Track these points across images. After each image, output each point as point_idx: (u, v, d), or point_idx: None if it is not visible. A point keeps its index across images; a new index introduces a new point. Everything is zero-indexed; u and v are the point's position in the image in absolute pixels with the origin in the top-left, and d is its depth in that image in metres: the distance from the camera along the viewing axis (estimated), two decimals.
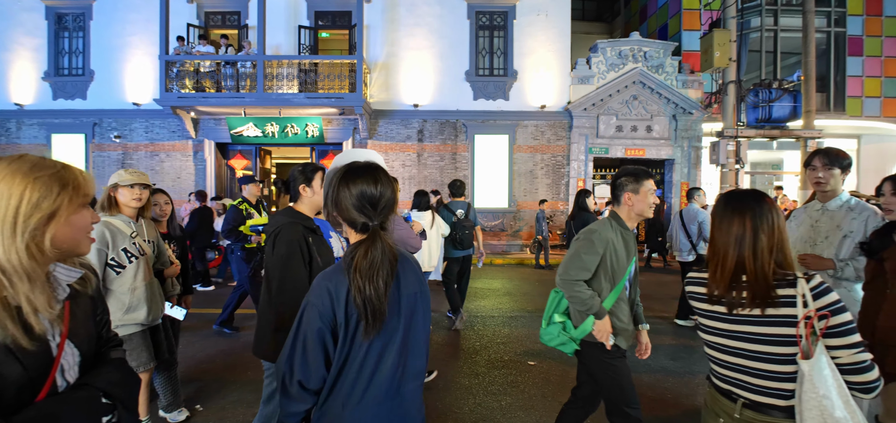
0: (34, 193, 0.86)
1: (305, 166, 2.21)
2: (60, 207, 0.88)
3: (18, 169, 0.86)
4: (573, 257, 2.11)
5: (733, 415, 1.34)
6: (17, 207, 0.84)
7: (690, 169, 11.64)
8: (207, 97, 10.57)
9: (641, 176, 2.12)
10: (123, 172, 2.53)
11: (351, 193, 1.21)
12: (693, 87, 11.72)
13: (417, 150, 11.58)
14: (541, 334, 2.33)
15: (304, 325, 1.16)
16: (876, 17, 12.65)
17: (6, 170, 0.86)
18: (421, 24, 11.51)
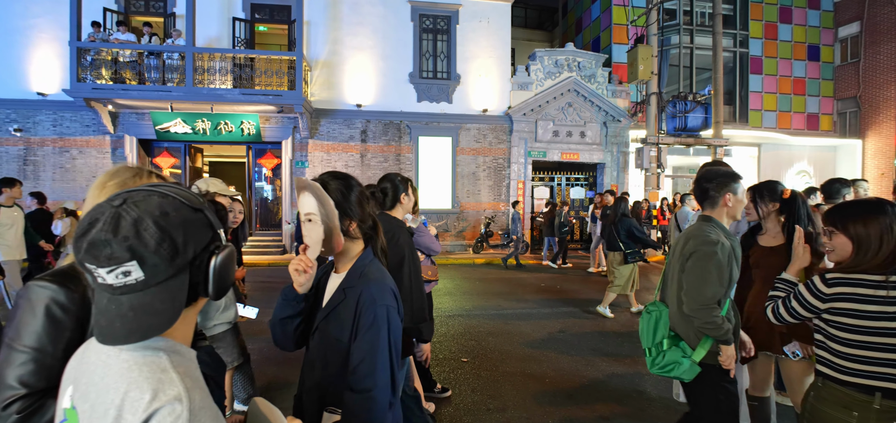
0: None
1: (402, 177, 2.49)
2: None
3: (129, 181, 1.10)
4: (702, 278, 1.87)
5: (872, 406, 1.44)
6: None
7: (619, 172, 12.54)
8: (128, 89, 9.74)
9: (737, 175, 1.99)
10: (216, 181, 2.73)
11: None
12: (621, 96, 12.64)
13: (361, 150, 11.46)
14: (650, 366, 2.06)
15: (393, 332, 1.20)
16: (772, 40, 14.40)
17: (122, 181, 1.08)
18: (364, 23, 11.40)
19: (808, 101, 14.70)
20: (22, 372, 0.84)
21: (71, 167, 10.39)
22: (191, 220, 0.68)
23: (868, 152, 14.31)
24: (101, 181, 1.10)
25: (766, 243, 2.38)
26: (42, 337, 0.86)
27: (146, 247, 0.62)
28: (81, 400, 0.67)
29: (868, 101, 14.23)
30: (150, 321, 0.64)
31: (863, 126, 14.39)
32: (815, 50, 14.78)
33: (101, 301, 0.65)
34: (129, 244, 0.61)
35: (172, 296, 0.66)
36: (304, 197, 1.22)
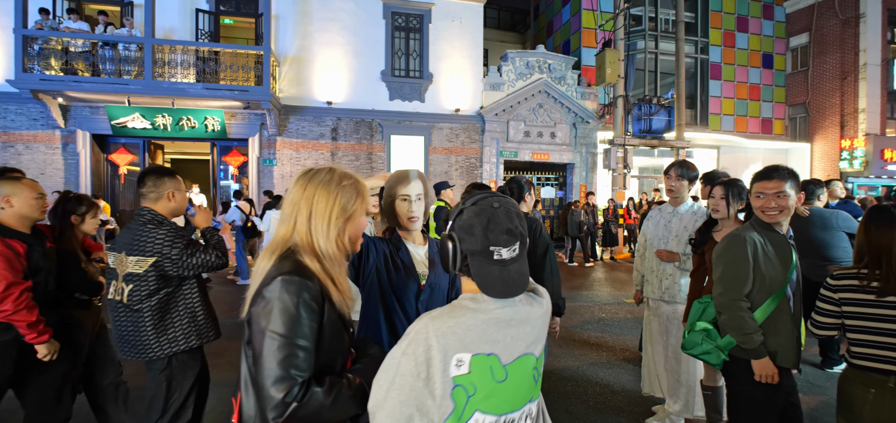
0: (343, 198, 1.08)
1: (527, 179, 2.86)
2: (356, 210, 1.11)
3: (332, 179, 1.09)
4: (728, 274, 1.87)
5: (888, 385, 1.64)
6: (331, 208, 1.07)
7: (588, 173, 12.86)
8: (80, 81, 9.20)
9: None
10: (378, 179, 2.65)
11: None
12: (590, 98, 12.96)
13: (331, 149, 11.27)
14: (683, 343, 2.12)
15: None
16: (730, 48, 15.12)
17: (323, 180, 1.08)
18: (335, 19, 11.21)
19: (763, 106, 15.53)
20: (295, 362, 0.94)
21: (16, 164, 9.69)
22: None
23: (816, 155, 15.26)
24: (324, 178, 1.11)
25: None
26: (304, 328, 0.97)
27: (523, 232, 0.96)
28: (496, 347, 0.92)
29: (816, 107, 15.18)
30: (526, 278, 0.97)
31: (811, 130, 15.34)
32: (768, 58, 15.62)
33: (494, 271, 0.92)
34: (521, 231, 0.95)
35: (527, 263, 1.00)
36: (414, 182, 1.67)
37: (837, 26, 14.50)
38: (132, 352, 2.07)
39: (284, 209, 1.09)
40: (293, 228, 1.06)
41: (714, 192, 2.56)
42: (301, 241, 1.05)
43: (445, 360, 0.86)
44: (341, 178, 1.10)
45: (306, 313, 0.97)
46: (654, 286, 2.97)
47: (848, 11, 14.25)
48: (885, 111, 14.43)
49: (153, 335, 2.04)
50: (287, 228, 1.07)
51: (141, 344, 2.04)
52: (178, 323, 2.10)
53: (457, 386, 0.87)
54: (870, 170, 13.88)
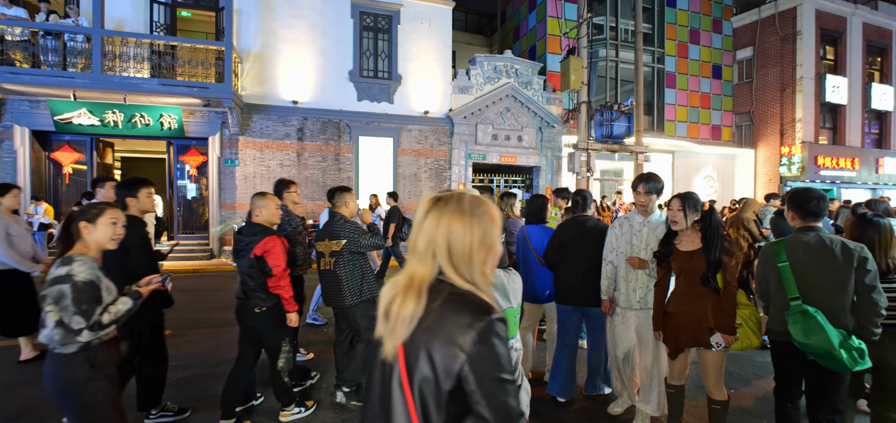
0: (480, 228, 0.99)
1: (589, 193, 3.58)
2: (495, 240, 1.03)
3: (465, 209, 0.99)
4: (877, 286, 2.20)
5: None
6: (471, 242, 0.98)
7: (553, 175, 13.24)
8: (18, 73, 8.49)
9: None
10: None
11: None
12: (555, 104, 13.35)
13: (297, 149, 10.98)
14: (852, 364, 2.17)
15: None
16: (684, 58, 16.02)
17: (456, 210, 0.99)
18: (301, 16, 10.94)
19: (713, 113, 16.56)
20: (518, 398, 0.95)
21: None
22: None
23: (759, 160, 16.44)
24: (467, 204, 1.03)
25: (685, 248, 2.61)
26: (511, 362, 0.96)
27: None
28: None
29: (759, 116, 16.35)
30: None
31: (755, 137, 16.51)
32: (718, 69, 16.68)
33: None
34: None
35: None
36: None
37: (777, 42, 15.69)
38: (335, 302, 3.37)
39: (418, 244, 1.01)
40: (432, 264, 0.98)
41: (671, 204, 2.70)
42: (453, 277, 0.97)
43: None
44: (473, 205, 1.01)
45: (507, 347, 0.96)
46: (625, 294, 3.06)
47: (786, 28, 15.45)
48: (819, 121, 15.76)
49: (347, 289, 3.30)
50: (425, 265, 0.98)
51: (341, 296, 3.30)
52: (361, 283, 3.34)
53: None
54: (805, 174, 15.11)
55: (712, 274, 2.47)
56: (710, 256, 2.46)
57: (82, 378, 1.93)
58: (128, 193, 3.02)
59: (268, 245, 2.91)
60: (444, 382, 0.90)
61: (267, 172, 10.70)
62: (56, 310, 1.88)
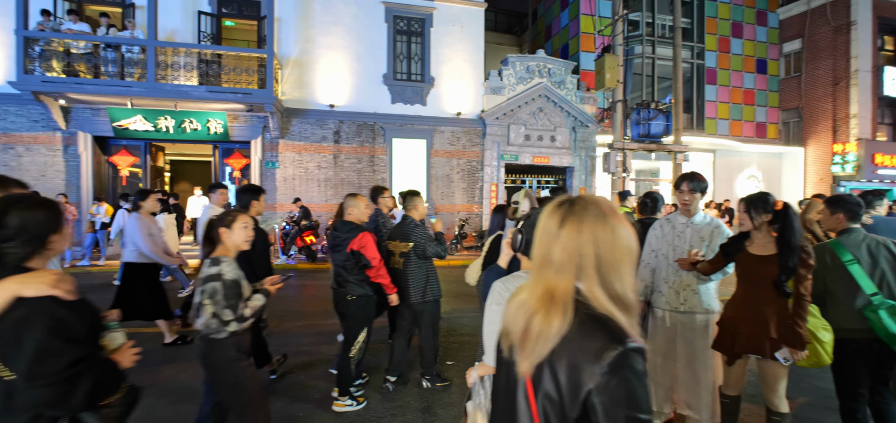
0: (624, 235, 0.92)
1: (660, 194, 3.79)
2: (636, 245, 0.95)
3: (604, 215, 0.92)
4: None
5: None
6: (619, 251, 0.91)
7: (587, 176, 13.01)
8: (82, 83, 9.16)
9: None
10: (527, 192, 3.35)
11: None
12: (589, 103, 13.12)
13: (334, 151, 11.30)
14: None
15: None
16: (725, 53, 15.37)
17: (598, 216, 0.92)
18: (337, 22, 11.26)
19: (757, 110, 15.80)
20: None
21: (16, 166, 9.64)
22: None
23: (809, 159, 15.55)
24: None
25: (755, 252, 2.48)
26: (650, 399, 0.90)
27: None
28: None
29: (809, 112, 15.47)
30: None
31: (804, 135, 15.63)
32: (762, 63, 15.90)
33: None
34: None
35: None
36: (523, 202, 2.45)
37: (829, 33, 14.80)
38: (401, 298, 3.59)
39: (554, 254, 0.93)
40: (574, 276, 0.90)
41: (739, 207, 2.61)
42: (593, 293, 0.89)
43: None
44: (610, 209, 0.94)
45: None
46: (667, 297, 2.95)
47: (839, 18, 14.55)
48: (876, 116, 14.75)
49: (413, 287, 3.61)
50: (566, 278, 0.90)
51: (406, 295, 3.58)
52: (425, 285, 3.64)
53: None
54: (862, 174, 14.17)
55: (786, 279, 2.34)
56: (789, 261, 2.31)
57: (232, 360, 2.27)
58: (252, 197, 3.50)
59: (363, 241, 3.28)
60: (569, 407, 0.85)
61: (305, 174, 11.06)
62: (211, 303, 2.21)
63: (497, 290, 1.54)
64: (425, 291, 3.62)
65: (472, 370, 1.61)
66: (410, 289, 3.59)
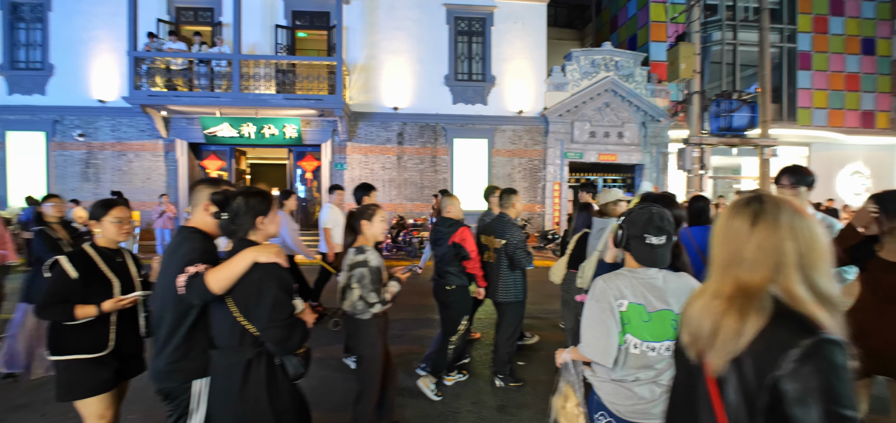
0: (821, 234, 0.90)
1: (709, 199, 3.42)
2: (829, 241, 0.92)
3: (794, 212, 0.91)
4: None
5: None
6: (819, 248, 0.89)
7: (659, 173, 12.23)
8: (180, 96, 10.25)
9: None
10: (615, 191, 3.35)
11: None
12: (661, 96, 12.32)
13: (397, 152, 11.63)
14: None
15: None
16: (822, 34, 13.70)
17: (791, 212, 0.90)
18: (400, 27, 11.58)
19: (863, 97, 13.90)
20: None
21: (128, 170, 11.01)
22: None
23: None
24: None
25: (889, 258, 2.18)
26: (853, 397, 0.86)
27: (670, 231, 1.52)
28: (642, 300, 1.49)
29: None
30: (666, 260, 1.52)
31: None
32: (869, 43, 13.96)
33: (645, 250, 1.51)
34: (668, 229, 1.51)
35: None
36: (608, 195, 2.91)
37: None
38: (491, 294, 3.71)
39: (746, 252, 0.91)
40: (769, 274, 0.89)
41: (867, 207, 2.28)
42: (792, 291, 0.86)
43: (613, 299, 1.50)
44: (801, 208, 0.92)
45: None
46: None
47: None
48: None
49: (500, 284, 3.68)
50: (759, 274, 0.89)
51: (495, 291, 3.68)
52: (513, 284, 3.69)
53: (620, 315, 1.49)
54: None
55: None
56: None
57: (374, 336, 2.61)
58: (365, 193, 4.04)
59: (463, 235, 3.51)
60: (757, 397, 0.83)
61: (370, 175, 11.49)
62: (358, 287, 2.52)
63: (598, 288, 1.55)
64: (511, 289, 3.67)
65: (563, 352, 1.75)
66: (499, 286, 3.66)
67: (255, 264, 1.65)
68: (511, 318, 3.73)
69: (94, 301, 2.07)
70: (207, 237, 1.90)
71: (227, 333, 1.70)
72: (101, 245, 2.23)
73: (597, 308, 1.51)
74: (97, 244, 2.23)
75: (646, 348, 1.46)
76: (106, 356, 2.15)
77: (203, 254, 1.77)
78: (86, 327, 2.09)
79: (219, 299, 1.68)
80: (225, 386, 1.71)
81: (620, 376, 1.51)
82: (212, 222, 1.85)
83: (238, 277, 1.64)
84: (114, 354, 2.18)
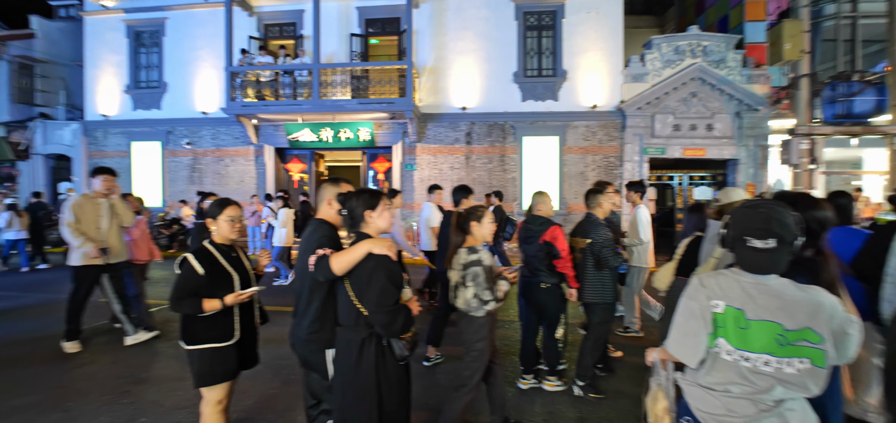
0: None
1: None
2: None
3: None
4: None
5: None
6: None
7: (757, 169, 10.91)
8: (268, 105, 11.18)
9: None
10: (737, 191, 3.26)
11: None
12: (759, 81, 10.99)
13: (465, 152, 11.64)
14: None
15: None
16: None
17: None
18: (468, 27, 11.57)
19: None
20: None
21: (225, 174, 12.26)
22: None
23: None
24: None
25: None
26: None
27: (781, 233, 1.32)
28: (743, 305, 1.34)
29: None
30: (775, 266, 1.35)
31: None
32: None
33: (746, 253, 1.37)
34: (777, 232, 1.33)
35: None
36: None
37: None
38: (580, 295, 3.60)
39: None
40: None
41: None
42: None
43: (706, 299, 1.41)
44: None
45: None
46: None
47: None
48: None
49: (587, 284, 3.57)
50: None
51: (583, 292, 3.58)
52: (601, 286, 3.56)
53: (713, 317, 1.39)
54: None
55: None
56: None
57: (485, 333, 2.71)
58: (464, 195, 4.25)
59: (554, 233, 3.49)
60: None
61: (439, 175, 11.63)
62: (473, 285, 2.60)
63: (693, 285, 1.48)
64: (598, 290, 3.58)
65: (653, 351, 1.69)
66: (584, 286, 3.59)
67: (370, 254, 1.90)
68: (598, 320, 3.64)
69: (217, 295, 2.28)
70: (333, 227, 2.25)
71: (346, 312, 2.00)
72: (217, 242, 2.42)
73: (687, 305, 1.46)
74: (214, 241, 2.43)
75: (739, 356, 1.34)
76: (232, 346, 2.36)
77: (330, 240, 2.12)
78: (213, 318, 2.30)
79: (340, 280, 1.98)
80: (344, 359, 2.00)
81: (709, 382, 1.42)
82: (335, 215, 2.24)
83: (355, 263, 1.91)
84: (238, 343, 2.39)
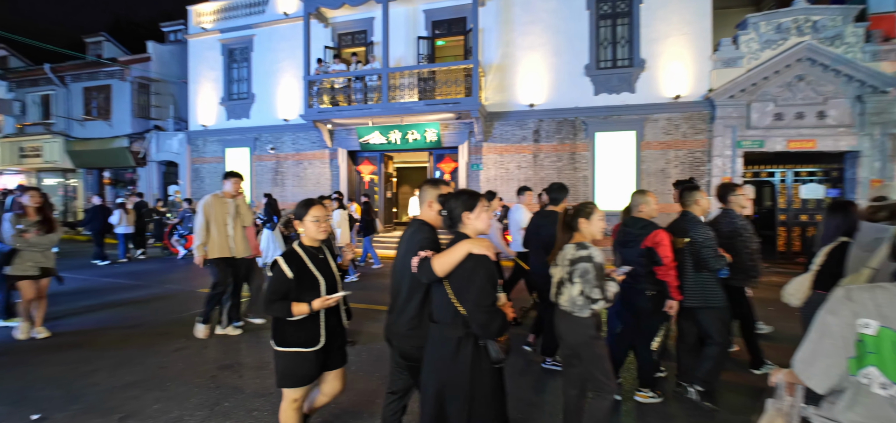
0: None
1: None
2: None
3: None
4: None
5: None
6: None
7: (885, 162, 9.25)
8: (341, 110, 11.76)
9: None
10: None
11: None
12: (888, 58, 9.30)
13: (533, 150, 11.29)
14: None
15: None
16: None
17: None
18: (536, 21, 11.19)
19: None
20: None
21: (303, 176, 13.13)
22: None
23: None
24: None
25: None
26: None
27: None
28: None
29: None
30: None
31: None
32: None
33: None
34: None
35: None
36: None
37: None
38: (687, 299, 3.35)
39: None
40: None
41: None
42: None
43: (853, 316, 1.20)
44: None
45: None
46: None
47: None
48: None
49: (686, 286, 3.31)
50: None
51: (690, 294, 3.31)
52: (703, 288, 3.31)
53: (860, 340, 1.18)
54: None
55: None
56: None
57: (593, 336, 2.53)
58: (562, 194, 4.15)
59: (658, 238, 3.22)
60: None
61: (506, 175, 11.41)
62: (581, 282, 2.48)
63: (836, 297, 1.29)
64: (705, 296, 3.30)
65: (779, 372, 1.53)
66: (687, 290, 3.33)
67: (470, 254, 1.91)
68: (709, 324, 3.32)
69: (305, 299, 2.30)
70: (433, 228, 2.26)
71: (443, 311, 2.01)
72: (305, 244, 2.44)
73: (824, 321, 1.28)
74: (303, 243, 2.44)
75: (895, 391, 1.14)
76: (315, 352, 2.37)
77: (431, 242, 2.15)
78: (301, 323, 2.33)
79: (439, 280, 1.99)
80: (437, 353, 2.00)
81: (850, 419, 1.22)
82: (435, 216, 2.25)
83: (455, 264, 1.92)
84: (323, 349, 2.39)
